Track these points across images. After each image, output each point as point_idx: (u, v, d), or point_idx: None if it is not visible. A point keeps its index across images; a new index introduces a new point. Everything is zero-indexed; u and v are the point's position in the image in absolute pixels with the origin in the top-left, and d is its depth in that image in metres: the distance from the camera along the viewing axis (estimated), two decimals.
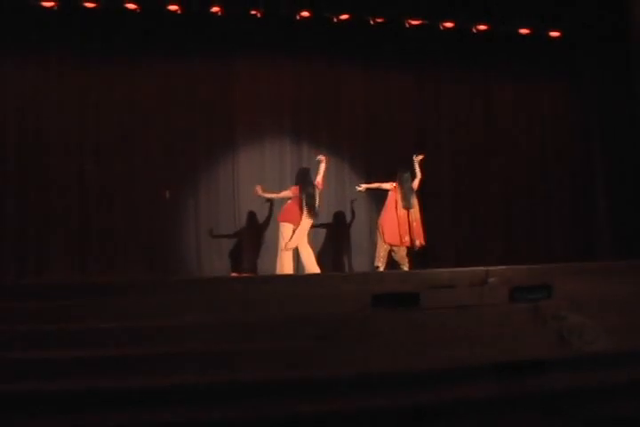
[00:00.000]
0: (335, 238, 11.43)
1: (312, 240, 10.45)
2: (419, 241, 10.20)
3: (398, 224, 10.14)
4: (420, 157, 10.43)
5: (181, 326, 6.46)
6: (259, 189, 10.26)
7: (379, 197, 10.67)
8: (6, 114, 10.34)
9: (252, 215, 11.12)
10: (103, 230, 10.49)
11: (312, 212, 9.89)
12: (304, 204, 9.85)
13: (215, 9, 10.62)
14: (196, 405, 5.25)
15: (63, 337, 6.15)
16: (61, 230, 10.32)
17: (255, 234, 11.10)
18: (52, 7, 10.10)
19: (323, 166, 10.11)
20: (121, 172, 10.66)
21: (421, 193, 10.65)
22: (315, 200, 9.96)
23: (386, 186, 10.41)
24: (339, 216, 11.48)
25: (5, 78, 10.32)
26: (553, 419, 5.31)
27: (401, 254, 10.18)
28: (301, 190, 9.94)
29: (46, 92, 10.50)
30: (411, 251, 10.30)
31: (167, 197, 10.65)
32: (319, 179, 10.08)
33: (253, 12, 10.78)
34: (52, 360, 5.72)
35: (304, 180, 10.08)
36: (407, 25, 11.40)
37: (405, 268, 10.11)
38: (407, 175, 10.31)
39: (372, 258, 10.65)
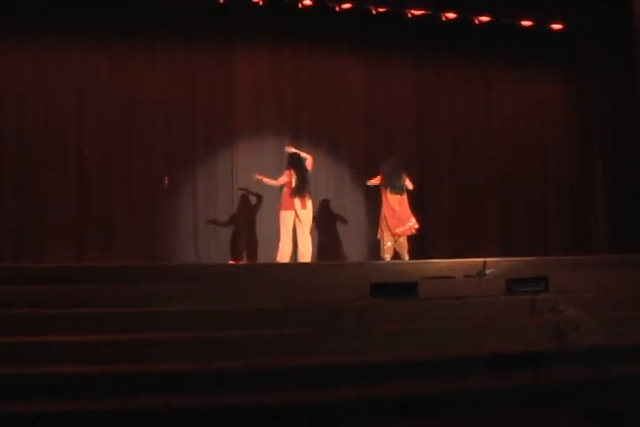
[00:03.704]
0: (334, 229, 11.44)
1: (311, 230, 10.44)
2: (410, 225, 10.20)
3: (394, 211, 10.15)
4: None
5: (179, 312, 6.48)
6: (262, 178, 10.30)
7: (377, 188, 10.63)
8: (6, 99, 10.29)
9: (249, 203, 11.12)
10: (101, 217, 10.47)
11: (304, 194, 9.90)
12: (296, 187, 9.86)
13: None
14: (194, 391, 5.27)
15: (60, 322, 6.17)
16: (59, 217, 10.29)
17: (253, 222, 11.10)
18: None
19: (302, 154, 10.14)
20: (120, 158, 10.65)
21: (420, 184, 10.65)
22: (307, 183, 9.99)
23: (373, 182, 10.43)
24: (337, 207, 11.48)
25: (5, 64, 10.28)
26: (550, 412, 5.34)
27: (402, 244, 10.16)
28: (293, 175, 9.96)
29: (46, 78, 10.44)
30: (410, 241, 10.30)
31: (166, 184, 10.64)
32: (308, 163, 10.11)
33: (255, 0, 10.74)
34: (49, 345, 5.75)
35: (295, 164, 10.09)
36: (409, 15, 11.37)
37: (405, 258, 10.11)
38: (394, 161, 10.29)
39: (371, 247, 10.66)
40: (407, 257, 10.14)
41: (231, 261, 10.64)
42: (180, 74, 11.00)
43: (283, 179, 10.10)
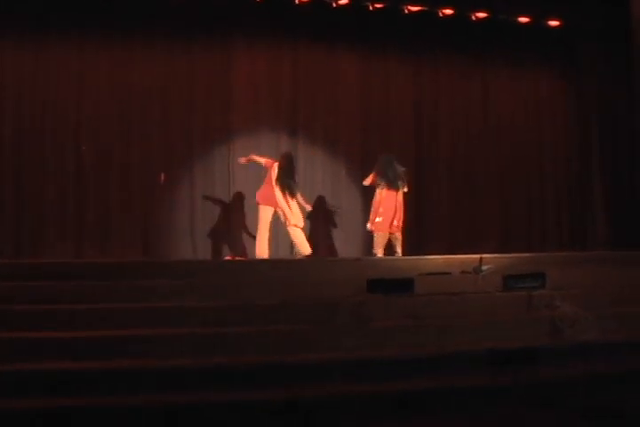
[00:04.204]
0: (328, 225, 11.47)
1: (305, 225, 10.44)
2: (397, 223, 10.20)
3: (386, 207, 10.17)
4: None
5: (177, 308, 6.50)
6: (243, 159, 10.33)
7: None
8: (4, 98, 10.29)
9: (245, 199, 11.12)
10: (99, 215, 10.48)
11: (294, 193, 9.91)
12: (281, 185, 9.84)
13: None
14: (192, 388, 5.29)
15: (59, 318, 6.19)
16: (57, 216, 10.32)
17: (248, 218, 11.11)
18: None
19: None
20: (117, 155, 10.65)
21: (419, 182, 10.66)
22: (294, 183, 10.00)
23: (368, 181, 10.42)
24: (333, 203, 11.50)
25: (3, 62, 10.27)
26: (548, 409, 5.36)
27: (397, 238, 10.18)
28: (275, 168, 9.91)
29: (44, 76, 10.43)
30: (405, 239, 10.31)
31: (162, 181, 10.65)
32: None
33: None
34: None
35: (287, 164, 10.07)
36: (406, 11, 11.37)
37: (398, 252, 10.14)
38: (389, 159, 10.30)
39: (367, 244, 10.67)
40: (400, 252, 10.15)
41: (227, 257, 10.66)
42: (178, 71, 10.97)
43: (265, 162, 10.07)
